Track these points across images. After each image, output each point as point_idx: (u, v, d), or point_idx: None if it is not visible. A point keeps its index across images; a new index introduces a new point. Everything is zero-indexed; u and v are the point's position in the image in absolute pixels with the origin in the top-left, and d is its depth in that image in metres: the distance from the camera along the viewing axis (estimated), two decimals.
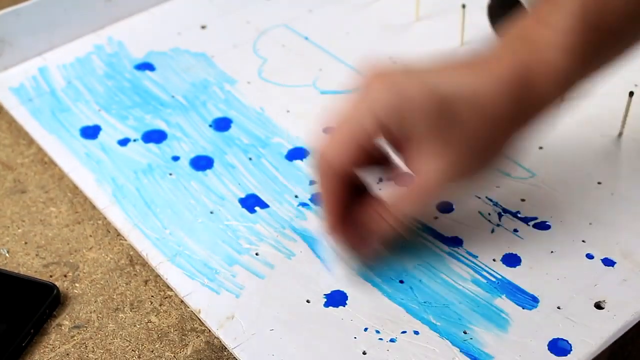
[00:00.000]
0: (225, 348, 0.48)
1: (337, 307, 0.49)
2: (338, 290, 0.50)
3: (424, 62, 0.47)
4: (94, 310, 0.51)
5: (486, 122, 0.45)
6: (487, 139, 0.46)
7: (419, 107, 0.44)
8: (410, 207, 0.48)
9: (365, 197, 0.49)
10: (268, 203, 0.56)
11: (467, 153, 0.46)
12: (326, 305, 0.49)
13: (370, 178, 0.50)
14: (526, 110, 0.46)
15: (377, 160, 0.49)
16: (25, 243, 0.55)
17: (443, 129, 0.45)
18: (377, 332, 0.48)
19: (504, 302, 0.49)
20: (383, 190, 0.55)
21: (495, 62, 0.46)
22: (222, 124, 0.63)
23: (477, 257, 0.51)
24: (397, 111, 0.45)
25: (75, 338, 0.49)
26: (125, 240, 0.55)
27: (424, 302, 0.49)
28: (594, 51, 0.46)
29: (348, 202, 0.48)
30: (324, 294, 0.50)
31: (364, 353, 0.47)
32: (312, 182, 0.57)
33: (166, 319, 0.50)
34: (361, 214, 0.48)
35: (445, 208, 0.55)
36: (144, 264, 0.53)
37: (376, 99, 0.45)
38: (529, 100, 0.46)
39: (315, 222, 0.54)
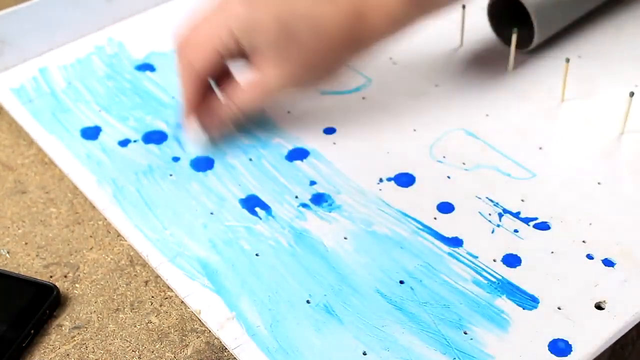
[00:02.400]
0: (226, 348, 0.48)
1: (337, 307, 0.49)
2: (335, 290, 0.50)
3: None
4: (94, 311, 0.51)
5: (321, 43, 0.55)
6: (320, 57, 0.56)
7: (263, 26, 0.55)
8: (249, 98, 0.58)
9: (227, 83, 0.59)
10: (268, 204, 0.56)
11: (302, 65, 0.56)
12: (325, 304, 0.49)
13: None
14: (358, 39, 0.57)
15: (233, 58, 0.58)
16: (26, 243, 0.55)
17: (284, 45, 0.55)
18: (378, 332, 0.48)
19: (504, 303, 0.49)
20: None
21: None
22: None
23: (477, 257, 0.51)
24: (247, 28, 0.55)
25: (75, 339, 0.49)
26: (126, 241, 0.55)
27: (424, 303, 0.49)
28: None
29: (205, 92, 0.58)
30: (324, 294, 0.50)
31: (364, 354, 0.47)
32: (312, 183, 0.57)
33: (166, 319, 0.50)
34: (216, 100, 0.59)
35: (445, 208, 0.55)
36: (144, 264, 0.53)
37: (232, 15, 0.55)
38: (361, 31, 0.56)
39: (315, 223, 0.54)
